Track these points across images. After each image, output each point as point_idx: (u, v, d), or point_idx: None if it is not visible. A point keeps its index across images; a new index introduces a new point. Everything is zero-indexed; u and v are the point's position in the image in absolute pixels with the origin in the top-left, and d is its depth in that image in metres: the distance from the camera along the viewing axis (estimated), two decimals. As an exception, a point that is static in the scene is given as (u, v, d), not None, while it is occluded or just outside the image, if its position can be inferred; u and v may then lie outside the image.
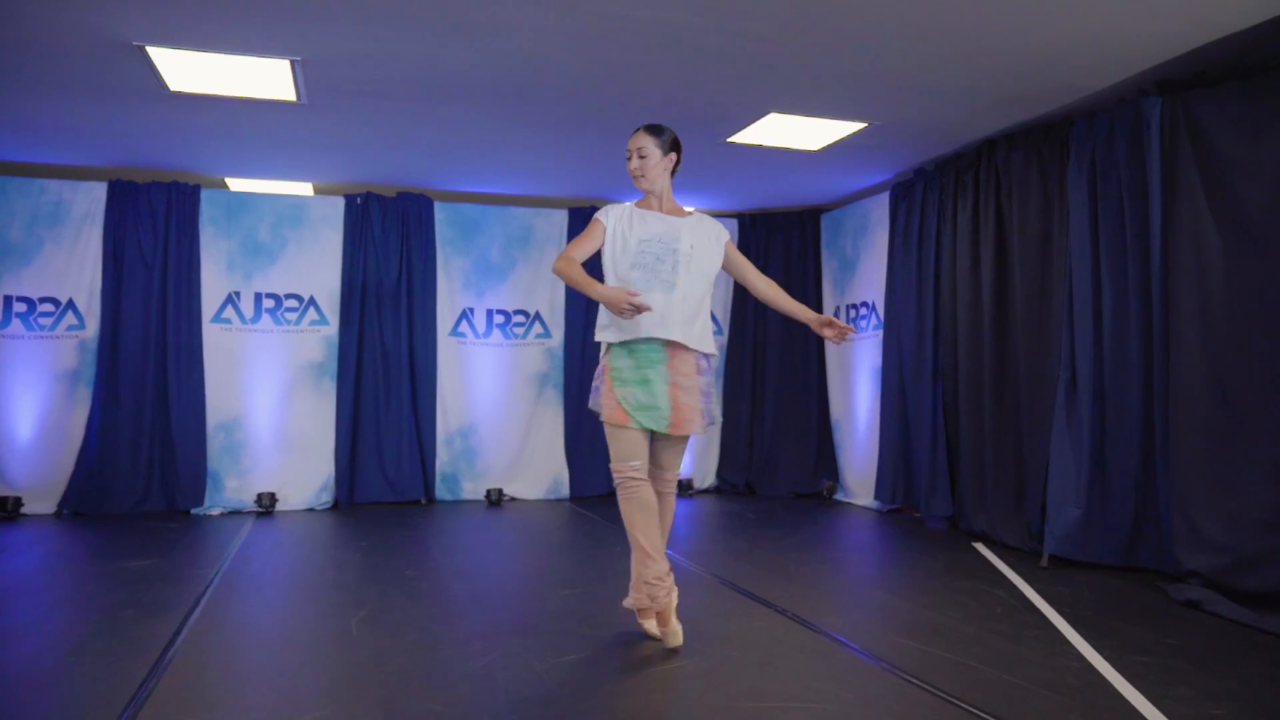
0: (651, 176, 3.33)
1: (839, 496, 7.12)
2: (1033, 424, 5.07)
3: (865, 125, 5.36)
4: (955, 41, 4.13)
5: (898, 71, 4.50)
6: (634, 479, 3.24)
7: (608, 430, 3.28)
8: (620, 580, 4.20)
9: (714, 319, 7.59)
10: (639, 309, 3.05)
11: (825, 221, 7.52)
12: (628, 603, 3.51)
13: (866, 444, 6.84)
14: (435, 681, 2.92)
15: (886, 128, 5.42)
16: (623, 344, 3.27)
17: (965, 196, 5.75)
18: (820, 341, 7.43)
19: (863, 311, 6.99)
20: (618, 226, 3.32)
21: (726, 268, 3.48)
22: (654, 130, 3.34)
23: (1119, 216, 4.62)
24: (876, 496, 6.51)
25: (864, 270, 6.98)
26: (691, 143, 5.80)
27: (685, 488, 7.33)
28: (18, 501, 5.99)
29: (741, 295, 7.62)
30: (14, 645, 3.26)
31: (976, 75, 4.53)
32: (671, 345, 3.27)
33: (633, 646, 3.31)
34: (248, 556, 4.89)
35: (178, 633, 3.41)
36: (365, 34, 4.13)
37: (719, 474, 7.55)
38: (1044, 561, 4.68)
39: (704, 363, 3.36)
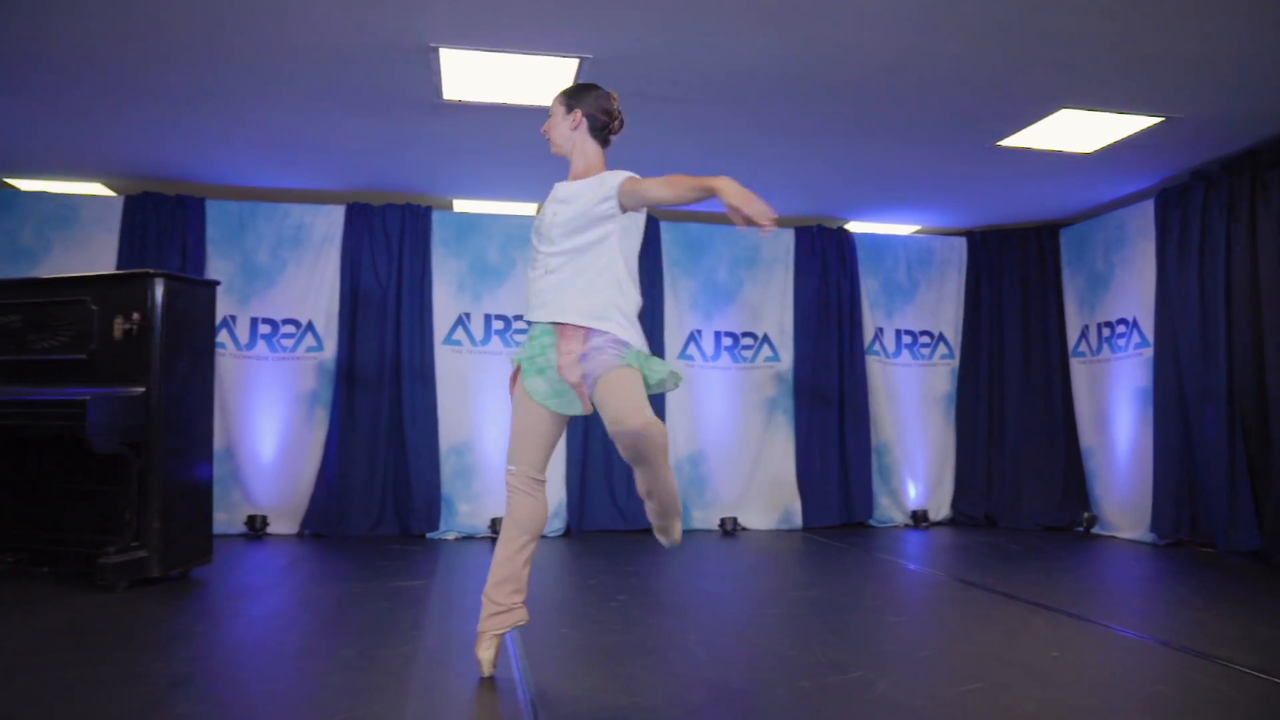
0: (556, 139, 2.93)
1: (1098, 529, 6.54)
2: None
3: (1160, 120, 4.93)
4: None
5: (1220, 52, 4.09)
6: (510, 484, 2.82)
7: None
8: (934, 610, 3.81)
9: (944, 341, 7.19)
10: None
11: (1066, 236, 7.04)
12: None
13: (1130, 472, 6.27)
14: (861, 709, 2.60)
15: (1179, 123, 4.98)
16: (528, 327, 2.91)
17: (1269, 197, 5.23)
18: (1065, 364, 6.93)
19: (1120, 330, 6.46)
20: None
21: (629, 206, 2.80)
22: (564, 91, 2.95)
23: None
24: (1153, 529, 5.92)
25: (1120, 286, 6.47)
26: (949, 150, 5.49)
27: (920, 519, 6.87)
28: (264, 520, 5.98)
29: (974, 316, 7.19)
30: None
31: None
32: (559, 327, 2.78)
33: (1044, 685, 2.91)
34: (555, 581, 4.72)
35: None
36: (664, 25, 3.95)
37: (954, 505, 7.06)
38: None
39: (597, 340, 2.74)
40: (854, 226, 7.21)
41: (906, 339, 7.14)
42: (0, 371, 4.46)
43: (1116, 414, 6.46)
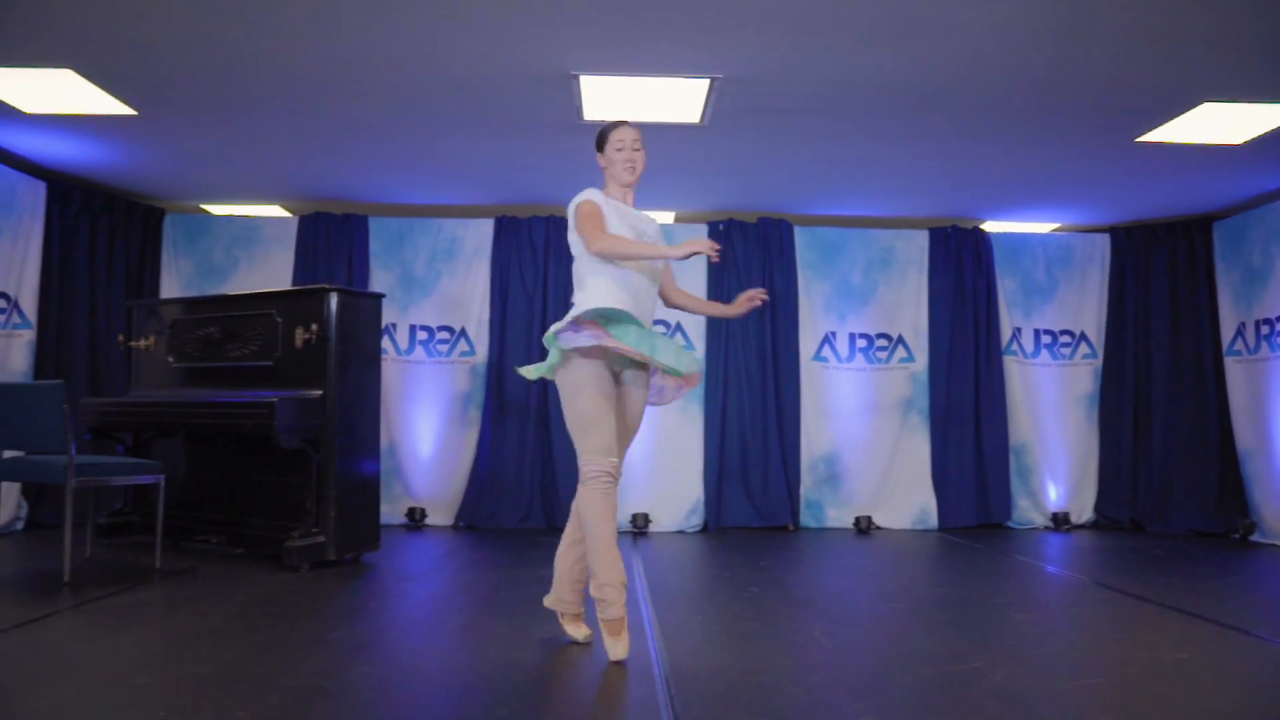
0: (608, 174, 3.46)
1: (1256, 537, 6.29)
2: None
3: (1317, 108, 4.76)
4: None
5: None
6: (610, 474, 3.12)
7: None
8: (1064, 610, 3.84)
9: (1085, 340, 7.09)
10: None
11: (1220, 230, 6.79)
12: (548, 601, 3.38)
13: (1291, 477, 6.02)
14: (975, 697, 2.74)
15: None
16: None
17: None
18: (1218, 363, 6.68)
19: (1279, 328, 6.20)
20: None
21: None
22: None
23: None
24: (1315, 537, 5.68)
25: (1279, 281, 6.20)
26: (1087, 148, 5.43)
27: (1061, 521, 6.77)
28: (423, 512, 6.49)
29: (1118, 314, 7.03)
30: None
31: None
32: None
33: (1164, 684, 2.96)
34: (692, 573, 4.98)
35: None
36: (792, 44, 4.13)
37: (1097, 508, 6.92)
38: None
39: None
40: (990, 226, 7.16)
41: (1046, 339, 7.05)
42: (201, 377, 5.08)
43: (1274, 416, 6.20)
